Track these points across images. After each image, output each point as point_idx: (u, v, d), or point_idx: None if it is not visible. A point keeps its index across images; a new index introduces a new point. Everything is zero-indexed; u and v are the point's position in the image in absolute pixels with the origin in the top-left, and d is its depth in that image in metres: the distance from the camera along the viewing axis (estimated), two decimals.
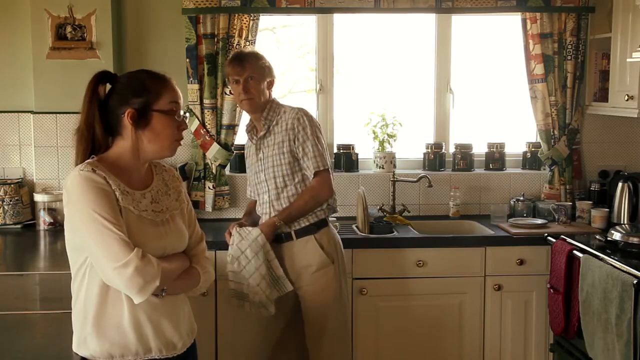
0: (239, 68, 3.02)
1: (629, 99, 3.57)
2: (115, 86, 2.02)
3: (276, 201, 3.09)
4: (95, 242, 1.84)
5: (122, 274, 1.82)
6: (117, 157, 1.99)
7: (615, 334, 2.90)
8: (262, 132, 3.08)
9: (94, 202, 1.86)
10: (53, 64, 3.75)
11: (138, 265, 1.82)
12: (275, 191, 3.08)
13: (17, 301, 2.57)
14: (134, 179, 2.01)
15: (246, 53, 3.12)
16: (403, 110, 4.16)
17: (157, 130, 1.98)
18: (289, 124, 3.03)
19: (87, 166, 1.92)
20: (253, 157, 3.18)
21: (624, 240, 3.23)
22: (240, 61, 3.03)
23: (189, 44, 3.81)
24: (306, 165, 3.04)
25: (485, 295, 3.61)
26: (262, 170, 3.11)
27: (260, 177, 3.13)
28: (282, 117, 3.07)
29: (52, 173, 3.86)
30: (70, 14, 3.75)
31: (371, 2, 3.86)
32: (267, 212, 3.12)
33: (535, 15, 3.92)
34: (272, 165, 3.07)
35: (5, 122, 3.89)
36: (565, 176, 4.06)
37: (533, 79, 3.99)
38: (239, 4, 3.77)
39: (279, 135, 3.05)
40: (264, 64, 3.06)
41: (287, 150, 3.04)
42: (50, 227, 3.77)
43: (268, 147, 3.09)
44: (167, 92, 2.00)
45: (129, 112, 1.96)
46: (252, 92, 3.02)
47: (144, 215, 1.97)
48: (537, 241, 3.60)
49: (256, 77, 3.03)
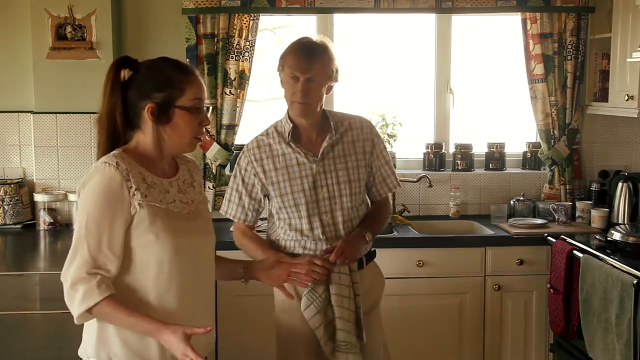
0: (304, 64, 2.46)
1: (629, 99, 3.57)
2: (136, 76, 1.91)
3: (348, 222, 2.57)
4: (73, 243, 1.81)
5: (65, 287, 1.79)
6: (139, 151, 1.91)
7: (615, 334, 2.90)
8: (330, 142, 2.55)
9: (97, 208, 1.80)
10: (53, 64, 3.75)
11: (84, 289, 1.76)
12: (349, 210, 2.56)
13: (17, 301, 2.57)
14: (159, 170, 1.94)
15: (318, 47, 2.51)
16: (403, 110, 4.15)
17: (178, 127, 1.89)
18: (364, 133, 2.61)
19: (112, 158, 1.83)
20: (295, 168, 2.54)
21: (623, 240, 3.22)
22: (308, 56, 2.47)
23: (189, 44, 3.81)
24: (387, 181, 2.66)
25: (485, 295, 3.61)
26: (325, 185, 2.53)
27: (319, 194, 2.53)
28: (346, 125, 2.61)
29: (52, 173, 3.86)
30: (70, 14, 3.75)
31: (371, 2, 3.86)
32: (334, 236, 2.54)
33: (535, 15, 3.92)
34: (347, 180, 2.55)
35: (5, 122, 3.89)
36: (565, 176, 4.06)
37: (533, 79, 3.99)
38: (239, 4, 3.77)
39: (351, 147, 2.59)
40: (333, 66, 2.52)
41: (364, 164, 2.60)
42: (50, 227, 3.77)
43: (334, 159, 2.56)
44: (192, 87, 1.89)
45: (149, 107, 1.86)
46: (311, 97, 2.48)
47: (172, 207, 1.90)
48: (537, 241, 3.60)
49: (320, 81, 2.48)
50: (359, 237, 2.55)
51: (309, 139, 2.57)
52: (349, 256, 2.46)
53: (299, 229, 2.53)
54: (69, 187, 3.86)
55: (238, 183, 2.59)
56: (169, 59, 1.94)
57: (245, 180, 2.58)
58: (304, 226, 2.52)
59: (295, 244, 2.55)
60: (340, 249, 2.45)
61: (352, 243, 2.51)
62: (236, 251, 2.65)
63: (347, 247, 2.46)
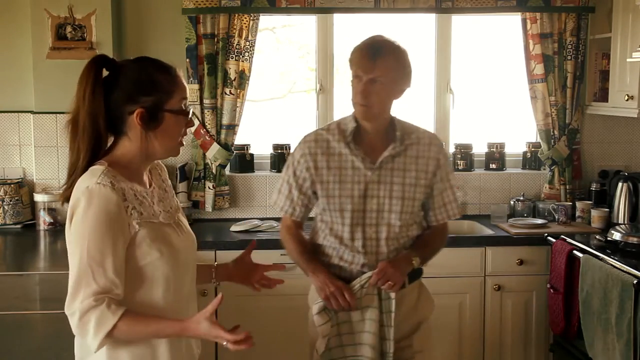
0: (368, 63, 2.29)
1: (629, 99, 3.57)
2: (118, 78, 1.79)
3: (393, 240, 2.39)
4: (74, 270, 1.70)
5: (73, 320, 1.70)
6: (125, 159, 1.80)
7: (615, 334, 2.90)
8: (392, 152, 2.36)
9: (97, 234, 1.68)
10: (53, 64, 3.75)
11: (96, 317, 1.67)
12: (397, 229, 2.38)
13: (17, 301, 2.57)
14: (141, 179, 1.85)
15: (387, 46, 2.32)
16: (403, 110, 4.14)
17: (168, 130, 1.80)
18: (432, 152, 2.41)
19: (104, 178, 1.71)
20: (349, 172, 2.37)
21: (623, 240, 3.22)
22: (373, 55, 2.29)
23: (189, 44, 3.81)
24: (447, 208, 2.46)
25: (485, 295, 3.60)
26: (375, 196, 2.36)
27: (367, 204, 2.36)
28: (413, 138, 2.42)
29: (52, 173, 3.86)
30: (70, 14, 3.74)
31: (371, 2, 3.86)
32: (375, 251, 2.38)
33: (535, 15, 3.92)
34: (401, 196, 2.36)
35: (5, 122, 3.89)
36: (565, 176, 4.05)
37: (533, 79, 3.99)
38: (239, 4, 3.77)
39: (413, 162, 2.39)
40: (402, 67, 2.33)
41: (424, 184, 2.40)
42: (50, 227, 3.77)
43: (392, 171, 2.37)
44: (178, 88, 1.82)
45: (138, 113, 1.76)
46: (371, 99, 2.30)
47: (162, 219, 1.82)
48: (537, 241, 3.60)
49: (385, 82, 2.29)
50: (405, 261, 2.35)
51: (370, 144, 2.39)
52: (391, 279, 2.26)
53: (339, 236, 2.38)
54: None
55: (290, 175, 2.44)
56: (150, 59, 1.84)
57: (296, 173, 2.42)
58: (344, 234, 2.37)
59: (333, 252, 2.40)
60: (382, 270, 2.27)
61: (397, 266, 2.30)
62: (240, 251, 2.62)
63: (389, 270, 2.27)
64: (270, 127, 4.26)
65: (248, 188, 4.04)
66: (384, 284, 2.26)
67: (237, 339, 1.72)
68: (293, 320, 3.51)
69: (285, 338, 3.45)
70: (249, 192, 4.04)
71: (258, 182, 4.04)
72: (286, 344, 3.45)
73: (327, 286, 2.27)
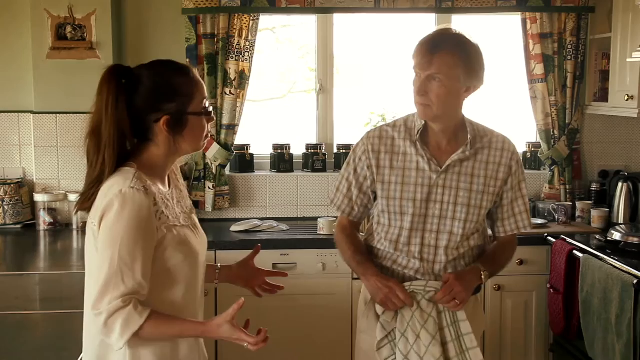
0: (425, 59, 2.12)
1: (629, 99, 3.57)
2: (137, 87, 1.77)
3: (453, 250, 2.21)
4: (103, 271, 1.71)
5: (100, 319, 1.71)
6: (151, 162, 1.82)
7: (615, 334, 2.90)
8: (462, 155, 2.20)
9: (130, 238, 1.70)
10: (53, 64, 3.75)
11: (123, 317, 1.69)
12: (458, 238, 2.20)
13: (17, 301, 2.56)
14: (163, 181, 1.87)
15: (449, 39, 2.14)
16: (403, 110, 4.13)
17: (194, 132, 1.82)
18: (504, 158, 2.23)
19: (137, 182, 1.72)
20: (413, 173, 2.22)
21: (623, 240, 3.23)
22: (431, 50, 2.12)
23: (189, 44, 3.81)
24: (516, 219, 2.28)
25: (485, 295, 3.60)
26: (439, 201, 2.20)
27: (430, 209, 2.20)
28: (485, 141, 2.25)
29: (52, 173, 3.86)
30: (70, 14, 3.74)
31: (371, 2, 3.86)
32: (432, 260, 2.22)
33: (535, 15, 3.92)
34: (466, 203, 2.19)
35: (5, 122, 3.89)
36: (565, 176, 4.05)
37: (533, 79, 3.99)
38: (239, 4, 3.77)
39: (483, 168, 2.22)
40: (466, 63, 2.12)
41: (493, 192, 2.22)
42: (50, 227, 3.77)
43: (459, 176, 2.20)
44: (198, 89, 1.81)
45: (164, 120, 1.76)
46: (430, 98, 2.13)
47: (182, 222, 1.85)
48: (537, 241, 3.60)
49: (444, 80, 2.11)
50: (474, 276, 2.18)
51: (437, 145, 2.23)
52: (457, 297, 2.10)
53: (395, 240, 2.23)
54: (69, 187, 3.86)
55: (350, 172, 2.30)
56: (164, 63, 1.84)
57: (357, 171, 2.28)
58: (402, 239, 2.22)
59: (387, 254, 2.26)
60: (450, 286, 2.10)
61: (465, 282, 2.14)
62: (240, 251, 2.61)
63: (457, 287, 2.10)
64: (270, 127, 4.26)
65: (248, 188, 4.04)
66: (449, 302, 2.11)
67: (258, 340, 1.75)
68: (294, 320, 3.52)
69: (286, 338, 3.45)
70: (249, 192, 4.04)
71: (258, 182, 4.04)
72: (287, 344, 3.45)
73: (380, 290, 2.15)
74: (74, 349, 1.99)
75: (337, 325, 3.53)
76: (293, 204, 4.06)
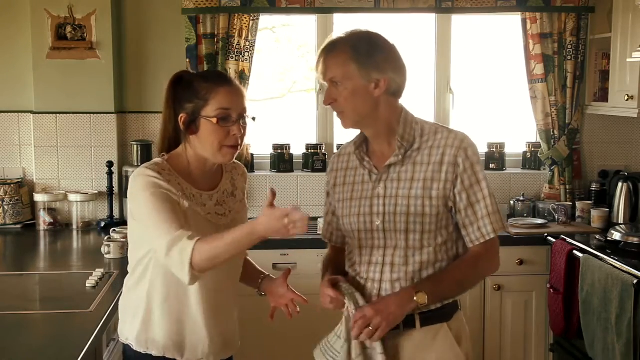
0: (320, 66, 2.01)
1: (629, 99, 3.57)
2: (178, 89, 1.99)
3: (402, 266, 1.96)
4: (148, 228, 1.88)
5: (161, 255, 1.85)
6: (182, 159, 2.00)
7: (615, 334, 2.90)
8: (394, 159, 1.98)
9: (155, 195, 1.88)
10: (53, 64, 3.75)
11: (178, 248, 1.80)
12: (403, 251, 1.96)
13: (17, 301, 2.56)
14: (202, 180, 2.02)
15: (340, 40, 2.00)
16: None
17: (204, 137, 1.94)
18: (446, 155, 1.96)
19: (154, 166, 1.93)
20: (359, 187, 2.04)
21: (623, 240, 3.23)
22: (322, 55, 2.01)
23: (189, 44, 3.81)
24: (478, 225, 1.97)
25: (485, 295, 3.60)
26: (380, 213, 1.98)
27: (374, 222, 1.99)
28: (428, 139, 2.01)
29: (52, 173, 3.86)
30: (70, 14, 3.74)
31: (371, 2, 3.86)
32: (379, 278, 1.99)
33: (535, 15, 3.92)
34: (405, 211, 1.94)
35: (5, 122, 3.89)
36: (565, 176, 4.05)
37: (533, 79, 3.99)
38: (239, 4, 3.77)
39: (425, 169, 1.96)
40: (358, 57, 1.94)
41: (437, 194, 1.94)
42: (50, 227, 3.77)
43: (399, 182, 1.97)
44: (216, 97, 1.92)
45: (181, 117, 1.95)
46: (339, 105, 1.98)
47: (209, 218, 1.98)
48: (537, 241, 3.60)
49: (341, 81, 1.96)
50: (403, 298, 1.89)
51: (381, 154, 2.03)
52: (372, 322, 1.85)
53: (353, 262, 2.05)
54: (69, 187, 3.86)
55: (326, 197, 2.21)
56: (207, 71, 2.08)
57: (328, 194, 2.18)
58: (354, 258, 2.04)
59: (351, 278, 2.06)
60: (361, 311, 1.87)
61: (384, 304, 1.89)
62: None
63: (370, 311, 1.85)
64: (270, 127, 4.26)
65: (248, 188, 4.03)
66: (361, 330, 1.85)
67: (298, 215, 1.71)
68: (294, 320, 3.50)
69: (286, 338, 3.45)
70: (249, 192, 4.00)
71: (258, 182, 4.04)
72: (287, 344, 3.45)
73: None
74: (74, 349, 2.00)
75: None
76: (293, 204, 4.05)
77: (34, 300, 2.71)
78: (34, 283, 2.92)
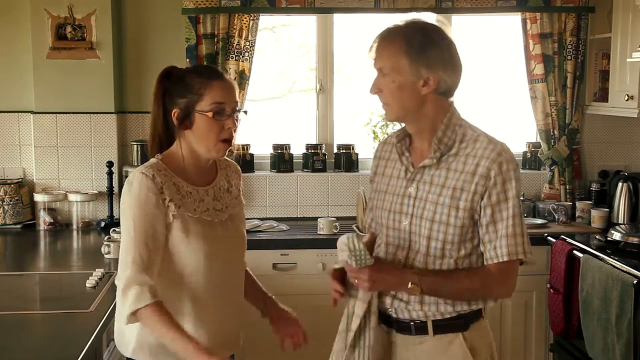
0: (371, 52, 1.93)
1: (629, 99, 3.57)
2: (169, 85, 2.00)
3: None
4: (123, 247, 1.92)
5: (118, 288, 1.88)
6: (177, 156, 2.00)
7: (615, 334, 2.90)
8: (429, 161, 1.91)
9: (141, 211, 1.89)
10: (53, 64, 3.75)
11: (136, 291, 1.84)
12: (424, 257, 1.90)
13: (17, 301, 2.56)
14: (197, 176, 2.02)
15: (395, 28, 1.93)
16: None
17: (199, 132, 1.95)
18: (480, 167, 1.85)
19: (149, 169, 1.93)
20: (394, 181, 1.99)
21: (623, 240, 3.23)
22: (375, 42, 1.93)
23: (189, 44, 3.81)
24: (495, 245, 1.87)
25: None
26: (408, 214, 1.93)
27: (402, 222, 1.94)
28: (467, 145, 1.90)
29: (52, 173, 3.86)
30: (70, 14, 3.74)
31: (371, 2, 3.86)
32: None
33: (535, 15, 3.92)
34: (430, 217, 1.88)
35: (5, 122, 3.89)
36: (565, 176, 4.05)
37: (533, 79, 3.99)
38: (239, 4, 3.77)
39: (457, 177, 1.87)
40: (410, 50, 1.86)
41: (465, 206, 1.85)
42: (50, 227, 3.77)
43: (431, 186, 1.90)
44: (210, 91, 1.94)
45: (174, 112, 1.96)
46: (384, 96, 1.91)
47: (204, 216, 1.98)
48: (537, 241, 3.59)
49: (389, 72, 1.88)
50: (399, 275, 1.88)
51: (420, 151, 1.96)
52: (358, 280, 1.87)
53: (378, 256, 1.98)
54: (68, 187, 3.86)
55: (370, 184, 2.15)
56: (198, 66, 2.06)
57: (372, 181, 2.11)
58: (380, 254, 1.99)
59: None
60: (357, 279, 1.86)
61: (381, 283, 1.88)
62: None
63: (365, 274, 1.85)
64: (270, 127, 4.27)
65: (248, 188, 4.03)
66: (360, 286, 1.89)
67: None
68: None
69: None
70: (249, 192, 4.04)
71: (258, 182, 4.04)
72: None
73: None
74: (74, 349, 2.00)
75: (337, 325, 3.53)
76: (293, 204, 4.06)
77: (34, 300, 2.71)
78: (34, 283, 2.92)
